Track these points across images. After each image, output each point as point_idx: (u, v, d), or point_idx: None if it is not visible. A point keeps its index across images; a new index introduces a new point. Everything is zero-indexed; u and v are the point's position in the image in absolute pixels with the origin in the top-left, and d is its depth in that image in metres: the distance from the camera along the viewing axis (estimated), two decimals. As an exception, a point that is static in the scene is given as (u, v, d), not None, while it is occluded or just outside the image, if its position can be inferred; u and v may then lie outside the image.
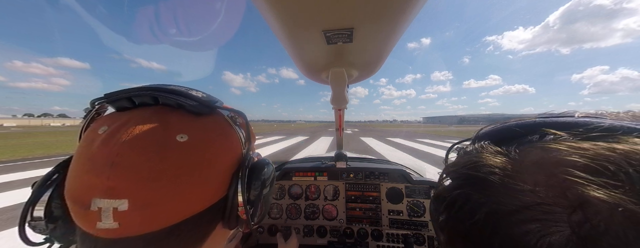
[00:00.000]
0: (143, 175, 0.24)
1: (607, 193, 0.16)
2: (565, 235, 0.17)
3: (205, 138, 0.29)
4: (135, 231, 0.24)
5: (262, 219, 0.38)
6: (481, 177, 0.22)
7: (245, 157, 0.33)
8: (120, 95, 0.29)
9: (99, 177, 0.24)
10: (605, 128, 0.20)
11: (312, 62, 0.63)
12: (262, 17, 0.45)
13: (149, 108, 0.30)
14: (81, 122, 0.31)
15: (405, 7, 0.37)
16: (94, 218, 0.24)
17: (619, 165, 0.17)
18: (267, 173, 0.35)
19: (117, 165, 0.24)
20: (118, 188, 0.23)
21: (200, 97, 0.31)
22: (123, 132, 0.26)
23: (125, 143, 0.25)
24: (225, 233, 0.35)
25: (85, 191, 0.24)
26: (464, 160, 0.26)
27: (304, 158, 1.72)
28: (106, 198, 0.23)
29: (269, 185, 0.36)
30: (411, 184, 1.18)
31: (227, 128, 0.33)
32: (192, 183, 0.26)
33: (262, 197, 0.35)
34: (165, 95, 0.29)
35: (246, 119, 0.37)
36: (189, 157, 0.26)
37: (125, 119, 0.28)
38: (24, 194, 4.31)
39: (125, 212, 0.23)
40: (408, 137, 21.41)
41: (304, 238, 1.20)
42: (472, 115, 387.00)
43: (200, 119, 0.30)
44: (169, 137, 0.26)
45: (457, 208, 0.24)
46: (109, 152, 0.24)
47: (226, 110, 0.35)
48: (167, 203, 0.25)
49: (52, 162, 7.83)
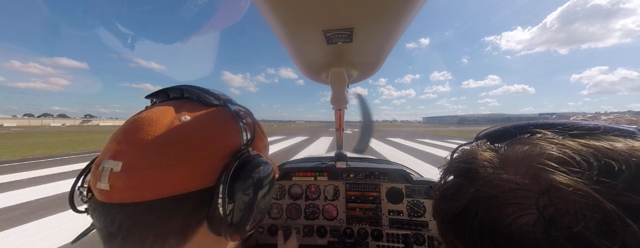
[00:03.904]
0: (138, 143, 0.27)
1: (568, 178, 0.18)
2: (534, 216, 0.19)
3: (203, 122, 0.32)
4: (119, 197, 0.26)
5: (253, 228, 0.34)
6: (472, 168, 0.25)
7: (241, 150, 0.33)
8: (160, 90, 0.37)
9: (113, 141, 0.29)
10: (590, 128, 0.22)
11: (312, 62, 0.63)
12: (262, 17, 0.45)
13: (176, 100, 0.36)
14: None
15: (405, 7, 0.37)
16: (97, 178, 0.27)
17: (584, 157, 0.19)
18: (262, 173, 0.33)
19: (127, 131, 0.29)
20: (120, 151, 0.27)
21: (215, 92, 0.37)
22: (146, 111, 0.32)
23: (141, 117, 0.30)
24: (214, 241, 0.32)
25: (103, 155, 0.29)
26: (461, 156, 0.29)
27: (304, 158, 1.72)
28: (110, 159, 0.27)
29: (264, 187, 0.33)
30: (411, 184, 1.18)
31: (229, 120, 0.34)
32: (179, 159, 0.27)
33: (253, 198, 0.31)
34: (188, 88, 0.36)
35: (253, 117, 0.39)
36: (183, 133, 0.29)
37: (154, 105, 0.35)
38: (24, 194, 4.32)
39: (117, 174, 0.26)
40: (408, 137, 21.42)
41: (304, 238, 1.20)
42: (471, 116, 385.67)
43: (208, 108, 0.35)
44: (174, 117, 0.31)
45: (449, 196, 0.27)
46: (128, 123, 0.30)
47: (236, 107, 0.38)
48: (151, 172, 0.26)
49: (52, 162, 7.83)
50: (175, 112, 0.32)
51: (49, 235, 2.79)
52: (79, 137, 22.14)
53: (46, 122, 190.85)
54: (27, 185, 4.92)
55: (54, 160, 8.44)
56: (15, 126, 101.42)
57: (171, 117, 0.31)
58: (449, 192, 0.27)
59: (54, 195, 4.27)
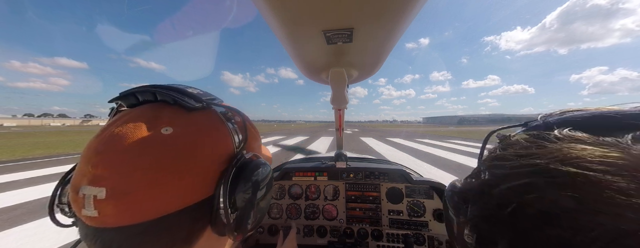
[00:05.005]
0: (120, 165, 0.24)
1: None
2: None
3: (190, 132, 0.28)
4: (111, 222, 0.24)
5: (255, 227, 0.34)
6: (571, 172, 0.17)
7: (236, 155, 0.31)
8: (125, 93, 0.31)
9: (87, 164, 0.25)
10: None
11: (312, 62, 0.63)
12: (262, 17, 0.45)
13: (149, 104, 0.31)
14: (108, 120, 0.33)
15: (405, 7, 0.37)
16: (80, 205, 0.24)
17: None
18: (260, 175, 0.32)
19: (102, 153, 0.25)
20: (99, 176, 0.24)
21: (194, 93, 0.32)
22: (116, 124, 0.27)
23: (113, 134, 0.26)
24: (220, 240, 0.32)
25: (78, 178, 0.25)
26: (535, 151, 0.20)
27: (304, 158, 1.72)
28: (89, 185, 0.24)
29: (263, 189, 0.33)
30: (411, 184, 1.18)
31: (217, 124, 0.32)
32: (170, 176, 0.25)
33: (254, 201, 0.31)
34: (162, 91, 0.30)
35: (244, 116, 0.36)
36: (169, 150, 0.26)
37: (124, 114, 0.29)
38: (24, 194, 4.32)
39: (102, 201, 0.23)
40: (408, 137, 21.41)
41: (304, 238, 1.20)
42: (471, 116, 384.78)
43: (190, 113, 0.31)
44: (153, 130, 0.27)
45: (517, 210, 0.19)
46: (98, 142, 0.26)
47: (222, 107, 0.35)
48: (142, 195, 0.24)
49: (51, 163, 7.83)
50: (154, 123, 0.27)
51: (49, 235, 2.79)
52: (79, 137, 22.13)
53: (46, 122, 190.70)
54: (27, 185, 4.91)
55: (53, 160, 8.43)
56: (15, 126, 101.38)
57: (150, 131, 0.26)
58: (518, 204, 0.19)
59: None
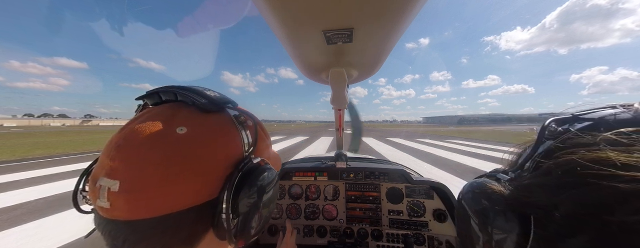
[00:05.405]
0: (135, 160, 0.26)
1: None
2: None
3: (202, 133, 0.30)
4: (122, 215, 0.25)
5: (257, 233, 0.34)
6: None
7: (244, 159, 0.32)
8: (150, 92, 0.34)
9: (107, 157, 0.26)
10: None
11: (312, 62, 0.63)
12: (262, 17, 0.45)
13: (170, 104, 0.33)
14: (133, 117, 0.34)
15: (405, 7, 0.37)
16: (96, 195, 0.26)
17: None
18: (265, 179, 0.32)
19: (120, 147, 0.26)
20: (115, 169, 0.25)
21: (211, 95, 0.33)
22: (138, 121, 0.29)
23: (133, 130, 0.28)
24: (222, 245, 0.32)
25: (98, 169, 0.27)
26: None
27: (304, 158, 1.72)
28: (106, 177, 0.25)
29: (267, 195, 0.33)
30: (411, 184, 1.18)
31: (229, 127, 0.33)
32: (180, 175, 0.26)
33: (257, 208, 0.32)
34: (181, 91, 0.32)
35: (256, 121, 0.37)
36: (180, 148, 0.27)
37: (147, 111, 0.32)
38: (24, 194, 4.32)
39: (115, 193, 0.25)
40: (408, 137, 21.42)
41: (304, 238, 1.20)
42: (471, 116, 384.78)
43: (205, 115, 0.32)
44: (169, 128, 0.28)
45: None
46: (120, 137, 0.28)
47: (236, 111, 0.36)
48: (152, 191, 0.25)
49: (51, 163, 7.82)
50: (170, 122, 0.29)
51: (49, 235, 2.79)
52: (79, 137, 22.12)
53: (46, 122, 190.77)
54: (27, 185, 4.91)
55: (53, 160, 8.43)
56: (15, 126, 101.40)
57: (166, 129, 0.28)
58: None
59: (54, 195, 4.26)
